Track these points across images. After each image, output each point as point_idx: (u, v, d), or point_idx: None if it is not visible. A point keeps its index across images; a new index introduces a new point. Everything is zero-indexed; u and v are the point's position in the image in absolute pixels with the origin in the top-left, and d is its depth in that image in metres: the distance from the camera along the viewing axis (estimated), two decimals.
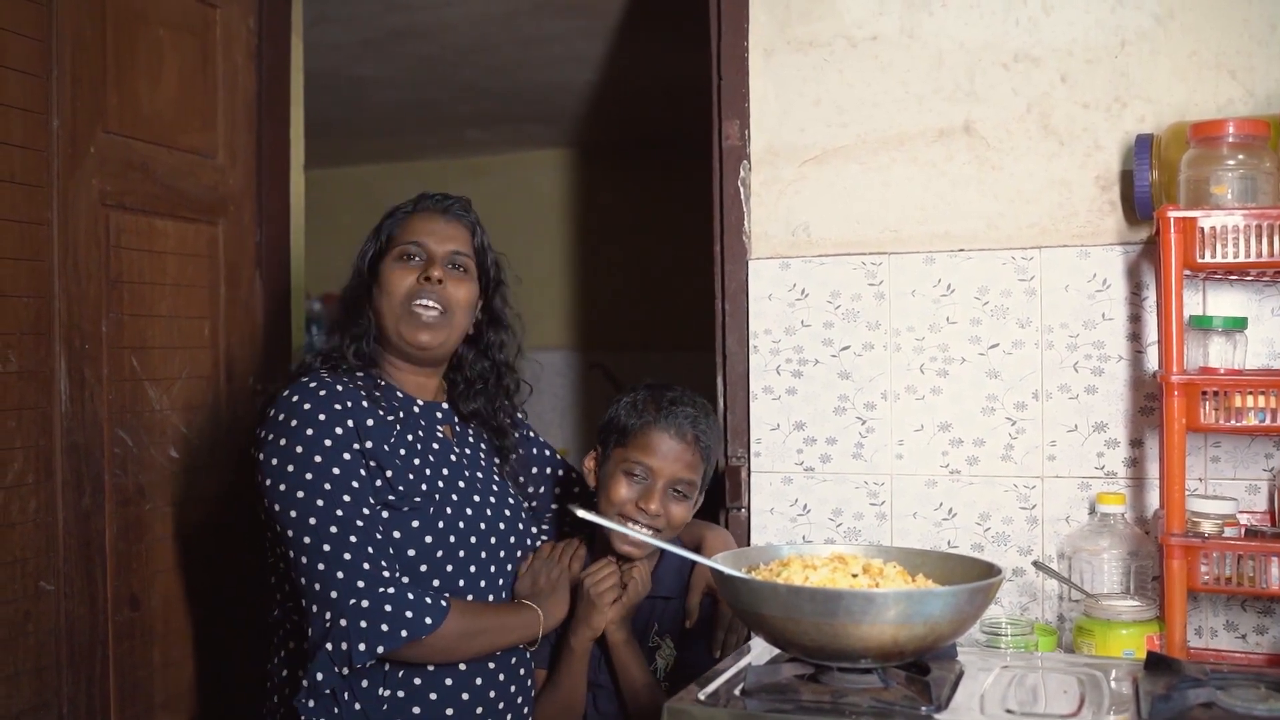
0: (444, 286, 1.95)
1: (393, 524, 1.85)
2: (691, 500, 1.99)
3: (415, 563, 1.86)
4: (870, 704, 1.47)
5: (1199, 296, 2.08)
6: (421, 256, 1.97)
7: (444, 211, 2.02)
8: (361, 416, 1.89)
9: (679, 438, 1.95)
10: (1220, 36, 2.09)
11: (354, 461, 1.84)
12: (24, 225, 2.05)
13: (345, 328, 1.99)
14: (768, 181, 2.35)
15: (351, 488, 1.82)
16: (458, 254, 1.99)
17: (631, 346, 5.48)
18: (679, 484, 1.96)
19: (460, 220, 2.02)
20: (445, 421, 2.06)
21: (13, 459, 2.02)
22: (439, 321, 1.96)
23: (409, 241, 1.97)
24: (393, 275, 1.96)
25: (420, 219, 2.00)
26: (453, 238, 2.00)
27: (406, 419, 1.97)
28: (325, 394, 1.88)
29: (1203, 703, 1.45)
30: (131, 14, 2.30)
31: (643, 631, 2.01)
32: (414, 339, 1.95)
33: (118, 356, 2.25)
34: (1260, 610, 2.05)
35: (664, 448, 1.95)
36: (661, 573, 2.04)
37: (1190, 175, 1.92)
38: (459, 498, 1.95)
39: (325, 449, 1.83)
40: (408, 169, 5.83)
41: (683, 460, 1.95)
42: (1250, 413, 1.86)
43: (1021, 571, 2.18)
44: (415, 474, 1.91)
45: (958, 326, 2.23)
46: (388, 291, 1.96)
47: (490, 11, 3.51)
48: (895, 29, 2.27)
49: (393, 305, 1.95)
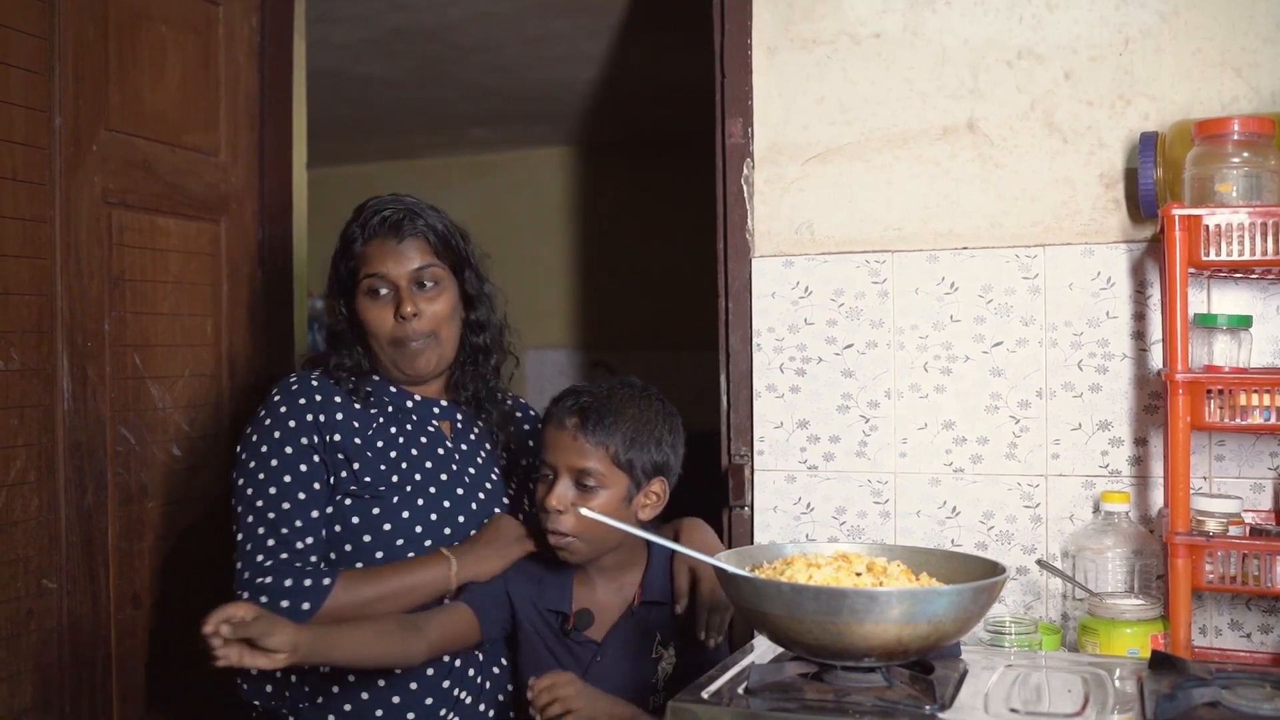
0: (420, 314, 1.96)
1: (352, 511, 1.91)
2: (610, 490, 1.87)
3: (371, 549, 1.91)
4: (874, 703, 1.47)
5: (1204, 294, 2.07)
6: (387, 288, 1.97)
7: (395, 232, 1.97)
8: (332, 411, 1.95)
9: (560, 427, 1.88)
10: (1225, 34, 2.08)
11: (300, 453, 1.90)
12: (26, 223, 2.05)
13: (334, 359, 2.01)
14: (771, 179, 2.35)
15: (284, 481, 1.89)
16: (422, 270, 1.98)
17: (634, 345, 5.49)
18: (581, 475, 1.86)
19: (413, 235, 1.98)
20: (444, 417, 2.08)
21: (15, 457, 2.02)
22: (429, 346, 1.99)
23: (370, 275, 1.97)
24: (369, 315, 1.98)
25: (374, 249, 1.98)
26: (411, 257, 1.97)
27: (395, 414, 2.01)
28: (298, 389, 1.96)
29: (1207, 702, 1.45)
30: (134, 12, 2.30)
31: (642, 643, 1.95)
32: (412, 370, 2.00)
33: (120, 354, 2.25)
34: (1265, 609, 2.04)
35: (551, 440, 1.89)
36: (649, 579, 1.97)
37: (1195, 173, 1.92)
38: (437, 490, 1.98)
39: (274, 439, 1.91)
40: (411, 167, 5.83)
41: (571, 449, 1.86)
42: (1255, 411, 1.86)
43: (1025, 570, 2.18)
44: (388, 465, 1.95)
45: (961, 325, 2.23)
46: (371, 332, 1.98)
47: (494, 10, 3.51)
48: (899, 26, 2.26)
49: (381, 345, 1.98)
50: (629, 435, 1.88)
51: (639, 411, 1.90)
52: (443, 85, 4.42)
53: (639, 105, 4.71)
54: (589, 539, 1.87)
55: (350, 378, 2.00)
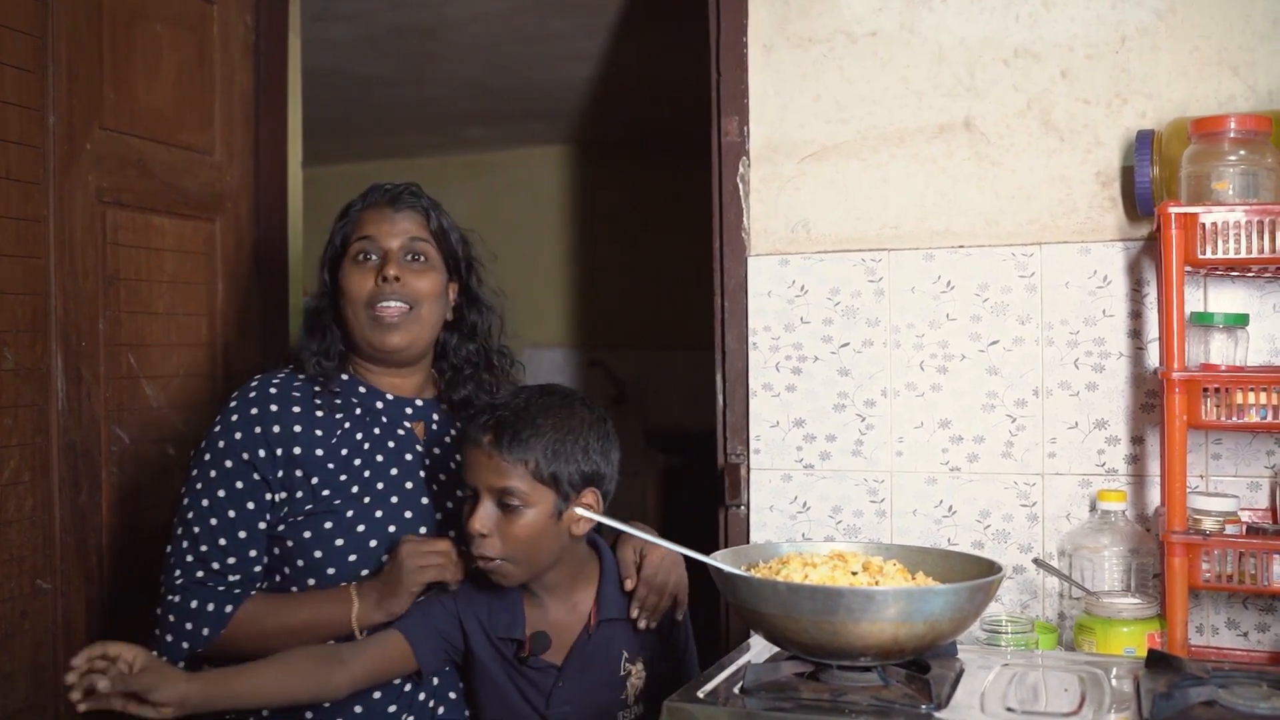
0: (403, 282, 1.88)
1: (305, 525, 1.83)
2: (535, 509, 1.74)
3: (321, 565, 1.82)
4: (870, 702, 1.47)
5: (1200, 293, 2.07)
6: (376, 253, 1.90)
7: (392, 202, 1.93)
8: (290, 422, 1.85)
9: (475, 445, 1.75)
10: (1222, 32, 2.08)
11: (238, 469, 1.83)
12: (20, 222, 2.04)
13: (308, 342, 1.93)
14: (767, 178, 2.34)
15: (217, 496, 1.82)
16: (414, 242, 1.92)
17: (631, 344, 5.49)
18: (503, 495, 1.73)
19: (411, 207, 1.94)
20: (419, 417, 1.98)
21: (9, 457, 2.02)
22: (405, 320, 1.89)
23: (361, 238, 1.91)
24: (351, 279, 1.90)
25: (370, 214, 1.93)
26: (405, 228, 1.92)
27: (362, 417, 1.92)
28: (255, 397, 1.88)
29: (1204, 701, 1.44)
30: (128, 10, 2.29)
31: (606, 663, 1.84)
32: (382, 343, 1.90)
33: (115, 354, 2.24)
34: (1262, 608, 2.04)
35: (468, 460, 1.77)
36: (604, 595, 1.85)
37: (1191, 171, 1.91)
38: (400, 500, 1.88)
39: (217, 449, 1.85)
40: (409, 166, 5.83)
41: (488, 468, 1.74)
42: (1251, 409, 1.85)
43: (1022, 569, 2.17)
44: (349, 475, 1.86)
45: (958, 323, 2.22)
46: (349, 297, 1.90)
47: (491, 9, 3.51)
48: (895, 25, 2.26)
49: (356, 311, 1.90)
50: (550, 447, 1.74)
51: (560, 420, 1.77)
52: (439, 84, 4.42)
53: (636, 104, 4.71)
54: (520, 560, 1.75)
55: (319, 375, 1.91)
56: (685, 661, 1.97)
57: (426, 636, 1.80)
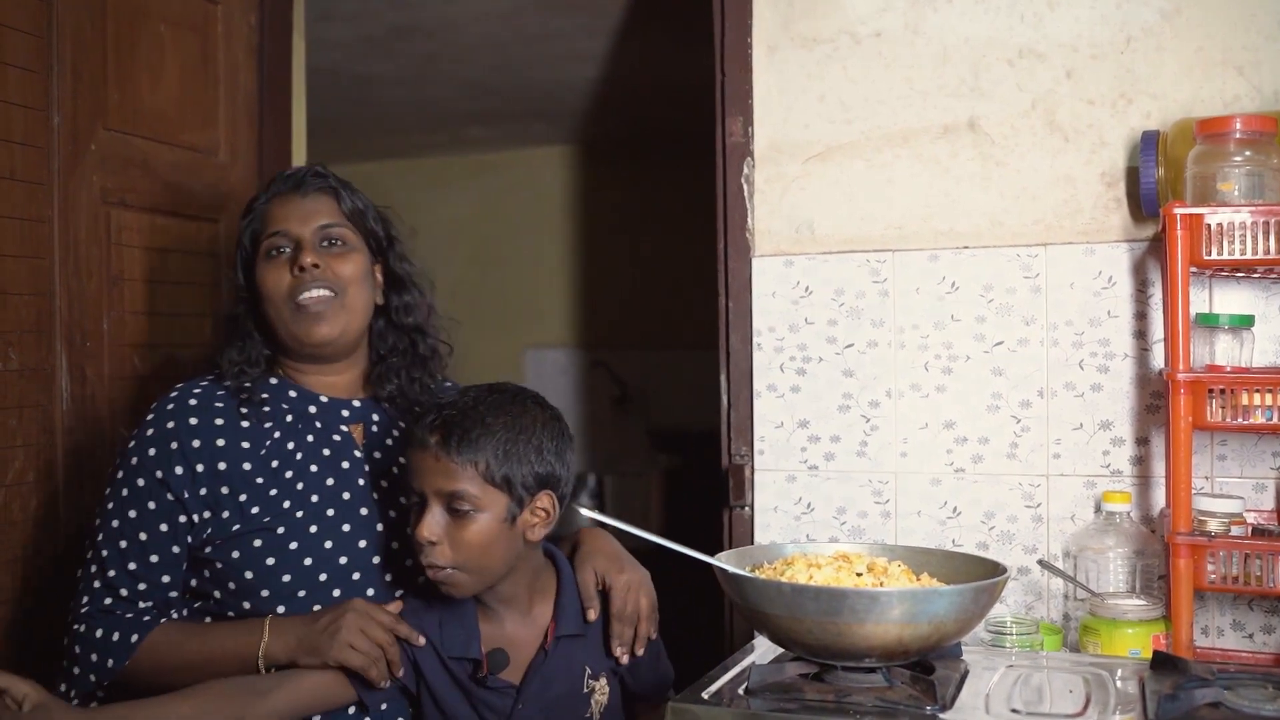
0: (323, 269, 1.76)
1: (233, 545, 1.70)
2: (488, 514, 1.64)
3: (255, 586, 1.70)
4: (875, 703, 1.47)
5: (1205, 294, 2.07)
6: (289, 246, 1.78)
7: (298, 188, 1.81)
8: (213, 436, 1.74)
9: (422, 448, 1.64)
10: (1227, 32, 2.07)
11: (152, 489, 1.72)
12: (24, 223, 2.04)
13: (228, 350, 1.81)
14: (771, 178, 2.34)
15: (128, 517, 1.72)
16: (327, 228, 1.80)
17: (634, 344, 5.48)
18: (451, 499, 1.62)
19: (319, 190, 1.82)
20: (357, 419, 1.85)
21: (13, 458, 2.02)
22: (332, 308, 1.77)
23: (271, 233, 1.79)
24: (267, 277, 1.78)
25: (276, 206, 1.81)
26: (316, 212, 1.80)
27: (294, 423, 1.79)
28: (173, 409, 1.76)
29: (1209, 702, 1.44)
30: (132, 10, 2.29)
31: (567, 681, 1.73)
32: (310, 336, 1.77)
33: (119, 354, 2.24)
34: (1267, 609, 2.04)
35: (415, 463, 1.66)
36: (562, 609, 1.74)
37: (1196, 172, 1.91)
38: (337, 512, 1.75)
39: (130, 467, 1.74)
40: (411, 166, 5.83)
41: (436, 471, 1.63)
42: (1257, 410, 1.85)
43: (1027, 570, 2.17)
44: (280, 489, 1.73)
45: (962, 324, 2.22)
46: (268, 296, 1.78)
47: (493, 9, 3.50)
48: (900, 25, 2.26)
49: (277, 308, 1.77)
50: (501, 448, 1.64)
51: (511, 420, 1.66)
52: (441, 84, 4.41)
53: (639, 104, 4.70)
54: (472, 568, 1.64)
55: (245, 382, 1.78)
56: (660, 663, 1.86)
57: None
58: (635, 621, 1.77)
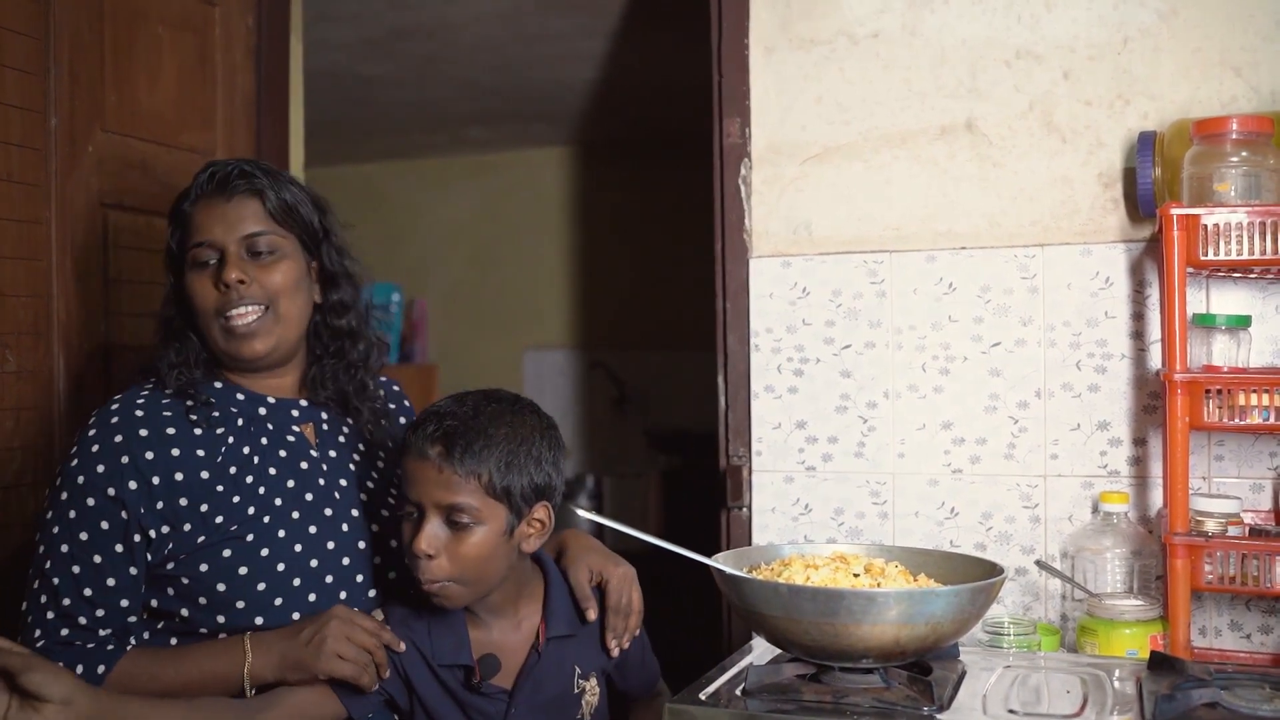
0: (249, 283, 1.67)
1: (200, 559, 1.62)
2: (487, 527, 1.60)
3: (228, 598, 1.62)
4: (872, 704, 1.47)
5: (1202, 294, 2.07)
6: (214, 257, 1.68)
7: (222, 190, 1.70)
8: (164, 445, 1.64)
9: (422, 458, 1.60)
10: (1224, 33, 2.08)
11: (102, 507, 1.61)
12: (22, 224, 2.04)
13: (165, 353, 1.72)
14: (769, 179, 2.34)
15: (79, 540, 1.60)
16: (253, 236, 1.69)
17: (633, 345, 5.48)
18: (451, 512, 1.59)
19: (244, 193, 1.70)
20: (306, 419, 1.78)
21: (11, 460, 2.02)
22: (262, 324, 1.69)
23: (197, 244, 1.69)
24: (195, 289, 1.69)
25: (200, 211, 1.70)
26: (241, 219, 1.69)
27: (246, 427, 1.71)
28: (118, 422, 1.65)
29: (1207, 703, 1.44)
30: (130, 12, 2.29)
31: (559, 682, 1.72)
32: (241, 353, 1.69)
33: (117, 357, 2.24)
34: (1265, 610, 2.04)
35: (414, 474, 1.61)
36: (552, 610, 1.72)
37: (1193, 172, 1.91)
38: (302, 514, 1.69)
39: (76, 486, 1.62)
40: (410, 167, 5.83)
41: (437, 483, 1.59)
42: (1254, 411, 1.85)
43: (1024, 571, 2.17)
44: (243, 495, 1.66)
45: (960, 325, 2.22)
46: (196, 309, 1.69)
47: (492, 10, 3.50)
48: (897, 26, 2.26)
49: (207, 323, 1.69)
50: (503, 459, 1.60)
51: (511, 430, 1.62)
52: (441, 85, 4.42)
53: (637, 105, 4.71)
54: (470, 580, 1.61)
55: (187, 387, 1.69)
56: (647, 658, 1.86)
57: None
58: (629, 613, 1.77)
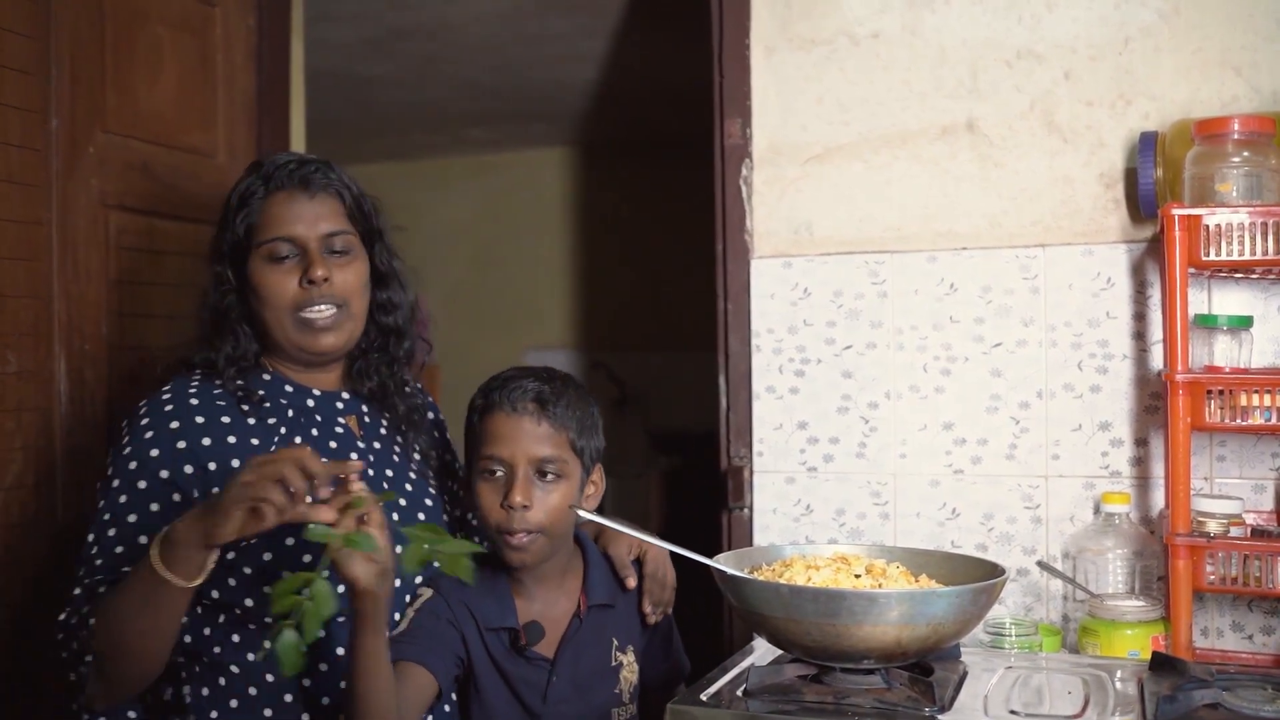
0: (330, 281, 1.67)
1: (262, 547, 1.60)
2: (568, 481, 1.72)
3: None
4: (873, 705, 1.46)
5: (1204, 295, 2.06)
6: (294, 253, 1.67)
7: (306, 187, 1.69)
8: (220, 433, 1.63)
9: (518, 413, 1.70)
10: (1225, 33, 2.07)
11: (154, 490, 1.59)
12: (23, 226, 2.04)
13: (219, 345, 1.69)
14: (770, 180, 2.34)
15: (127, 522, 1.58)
16: (333, 235, 1.70)
17: (634, 346, 5.49)
18: (543, 465, 1.70)
19: (325, 190, 1.71)
20: (349, 412, 1.79)
21: (12, 460, 2.02)
22: (337, 320, 1.70)
23: (275, 238, 1.67)
24: (268, 282, 1.67)
25: (280, 204, 1.68)
26: (323, 216, 1.69)
27: (296, 418, 1.71)
28: (173, 408, 1.64)
29: (1208, 703, 1.44)
30: (130, 13, 2.29)
31: (598, 652, 1.78)
32: (315, 347, 1.70)
33: (118, 357, 2.24)
34: (1266, 610, 2.04)
35: (504, 430, 1.69)
36: (592, 582, 1.80)
37: (1195, 173, 1.91)
38: None
39: (129, 471, 1.61)
40: (411, 168, 5.83)
41: (533, 436, 1.69)
42: (1256, 411, 1.85)
43: (1026, 571, 2.17)
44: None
45: (961, 325, 2.22)
46: (268, 303, 1.68)
47: (492, 10, 3.51)
48: (897, 26, 2.26)
49: (279, 317, 1.68)
50: (581, 421, 1.75)
51: (580, 396, 1.77)
52: (441, 85, 4.42)
53: (638, 105, 4.71)
54: (554, 532, 1.71)
55: (236, 378, 1.68)
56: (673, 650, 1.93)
57: (439, 657, 1.68)
58: (665, 585, 1.86)
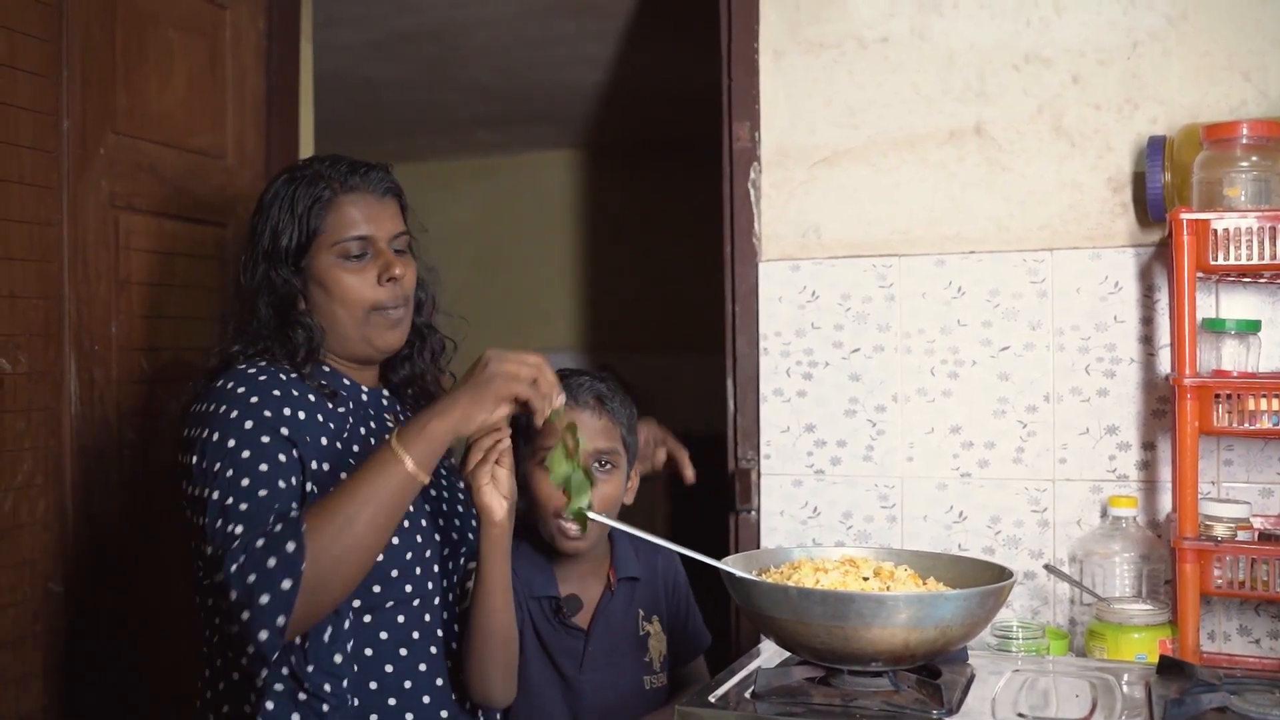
0: (403, 280, 1.74)
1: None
2: (621, 472, 1.88)
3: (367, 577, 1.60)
4: (881, 707, 1.47)
5: (1212, 299, 2.07)
6: (367, 250, 1.72)
7: (375, 188, 1.75)
8: (311, 410, 1.65)
9: (582, 406, 1.82)
10: (1233, 37, 2.08)
11: (276, 444, 1.58)
12: (33, 226, 2.05)
13: (283, 340, 1.70)
14: (778, 183, 2.34)
15: (259, 471, 1.55)
16: (399, 236, 1.76)
17: (641, 348, 5.48)
18: (600, 457, 1.84)
19: (392, 193, 1.78)
20: (390, 409, 1.84)
21: (22, 460, 2.02)
22: (404, 318, 1.77)
23: (351, 238, 1.70)
24: (343, 280, 1.71)
25: (354, 205, 1.72)
26: (391, 217, 1.75)
27: (356, 409, 1.75)
28: (266, 380, 1.64)
29: (1216, 707, 1.45)
30: (141, 15, 2.30)
31: (627, 622, 1.91)
32: (386, 343, 1.75)
33: (127, 358, 2.25)
34: (1274, 614, 2.04)
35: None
36: (619, 558, 1.95)
37: (1203, 177, 1.91)
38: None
39: (245, 430, 1.58)
40: (418, 170, 5.83)
41: (593, 429, 1.82)
42: (1264, 415, 1.85)
43: (1033, 575, 2.17)
44: None
45: (968, 329, 2.22)
46: (343, 300, 1.71)
47: (499, 13, 3.51)
48: (906, 30, 2.26)
49: (354, 314, 1.71)
50: (629, 418, 1.91)
51: (624, 398, 1.92)
52: (448, 88, 4.42)
53: (645, 108, 4.71)
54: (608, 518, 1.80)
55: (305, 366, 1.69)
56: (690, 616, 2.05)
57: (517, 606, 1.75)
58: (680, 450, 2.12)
